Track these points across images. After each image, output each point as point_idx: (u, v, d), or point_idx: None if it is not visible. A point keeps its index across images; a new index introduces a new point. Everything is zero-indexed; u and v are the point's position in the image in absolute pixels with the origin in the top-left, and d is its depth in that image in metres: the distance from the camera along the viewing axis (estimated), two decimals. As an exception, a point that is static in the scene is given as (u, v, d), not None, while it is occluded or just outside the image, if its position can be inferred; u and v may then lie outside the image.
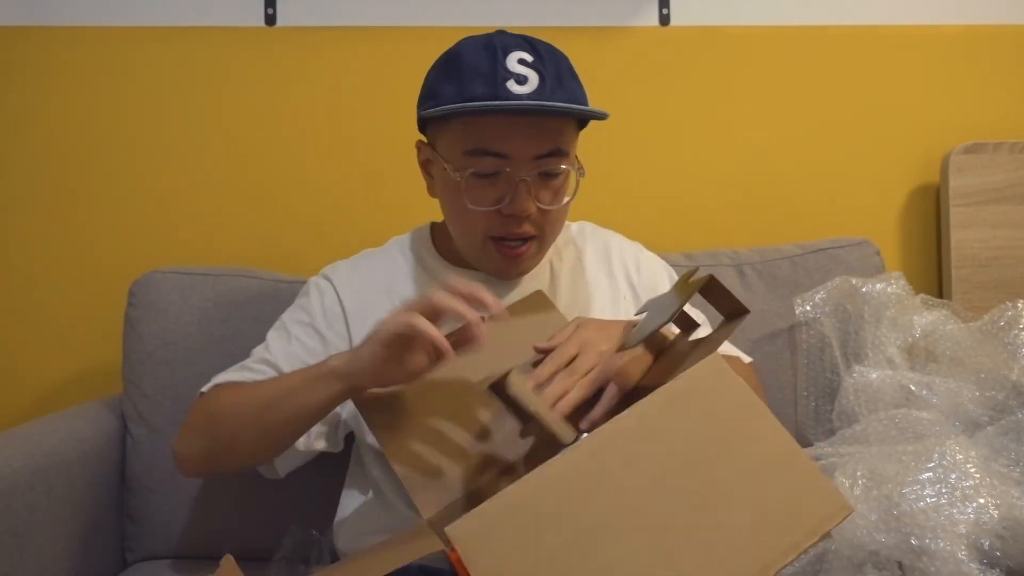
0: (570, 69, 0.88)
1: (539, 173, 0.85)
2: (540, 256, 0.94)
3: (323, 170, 1.41)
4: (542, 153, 0.84)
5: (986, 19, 1.46)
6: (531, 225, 0.87)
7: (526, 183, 0.84)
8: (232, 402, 0.87)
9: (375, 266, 0.99)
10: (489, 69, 0.82)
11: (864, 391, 1.07)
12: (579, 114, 0.86)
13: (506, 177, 0.84)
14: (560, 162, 0.86)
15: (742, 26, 1.45)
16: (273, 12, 1.41)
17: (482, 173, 0.85)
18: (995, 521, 0.84)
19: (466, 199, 0.86)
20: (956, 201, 1.39)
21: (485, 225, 0.87)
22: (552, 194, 0.87)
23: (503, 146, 0.83)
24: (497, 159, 0.84)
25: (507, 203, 0.84)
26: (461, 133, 0.85)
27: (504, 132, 0.83)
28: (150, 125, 1.40)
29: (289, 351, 0.94)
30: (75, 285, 1.39)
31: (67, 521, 1.03)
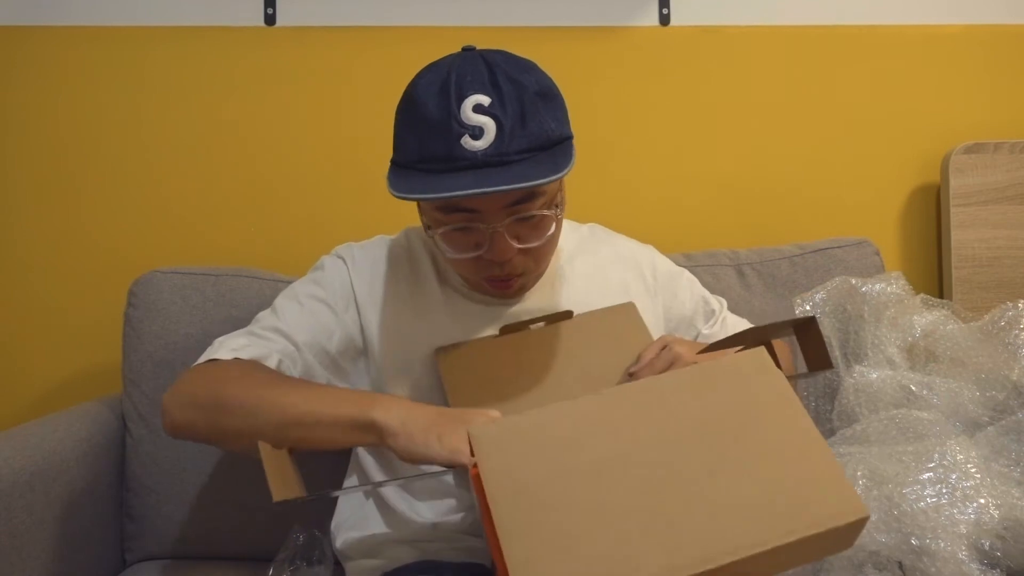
0: (539, 93, 0.81)
1: (514, 220, 0.82)
2: (537, 278, 0.94)
3: (323, 170, 1.41)
4: (511, 202, 0.81)
5: (986, 19, 1.46)
6: (517, 263, 0.86)
7: (500, 232, 0.82)
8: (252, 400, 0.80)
9: (389, 255, 0.98)
10: (443, 123, 0.78)
11: (864, 391, 1.07)
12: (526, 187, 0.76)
13: (480, 228, 0.83)
14: (533, 206, 0.82)
15: (742, 26, 1.45)
16: (273, 12, 1.41)
17: (456, 228, 0.83)
18: (995, 521, 0.84)
19: (446, 251, 0.85)
20: (956, 201, 1.39)
21: (473, 268, 0.87)
22: (531, 231, 0.84)
23: (470, 203, 0.81)
24: (468, 214, 0.82)
25: (486, 250, 0.83)
26: None
27: None
28: (150, 125, 1.40)
29: (302, 323, 0.91)
30: (75, 285, 1.39)
31: (67, 521, 1.03)
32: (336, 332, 0.92)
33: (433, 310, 0.94)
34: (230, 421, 0.80)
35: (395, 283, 0.95)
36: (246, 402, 0.80)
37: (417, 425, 0.74)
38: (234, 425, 0.80)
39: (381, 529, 0.91)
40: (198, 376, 0.85)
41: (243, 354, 0.86)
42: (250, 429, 0.78)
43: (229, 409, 0.80)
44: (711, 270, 1.26)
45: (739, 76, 1.45)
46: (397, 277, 0.96)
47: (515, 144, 0.78)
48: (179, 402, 0.84)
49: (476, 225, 0.82)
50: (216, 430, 0.82)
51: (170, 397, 0.85)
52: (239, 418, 0.79)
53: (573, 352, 0.85)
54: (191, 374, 0.86)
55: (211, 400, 0.82)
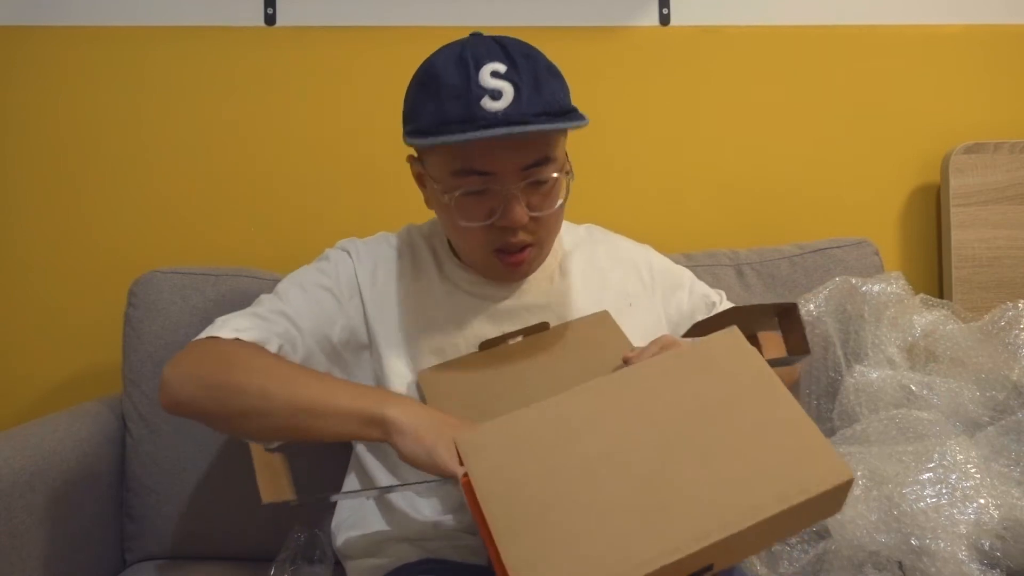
0: (548, 68, 0.86)
1: (527, 184, 0.85)
2: (541, 259, 0.95)
3: (323, 170, 1.41)
4: (527, 164, 0.84)
5: (986, 19, 1.46)
6: (526, 233, 0.87)
7: (515, 195, 0.84)
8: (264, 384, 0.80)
9: (391, 252, 0.99)
10: (463, 87, 0.81)
11: (864, 391, 1.07)
12: (553, 129, 0.83)
13: (494, 192, 0.84)
14: (547, 170, 0.85)
15: (742, 26, 1.45)
16: (273, 12, 1.41)
17: (472, 191, 0.85)
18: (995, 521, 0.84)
19: (458, 218, 0.87)
20: (956, 201, 1.39)
21: (483, 240, 0.88)
22: (542, 199, 0.87)
23: (487, 165, 0.83)
24: (483, 177, 0.83)
25: (499, 216, 0.85)
26: (446, 155, 0.85)
27: (486, 151, 0.82)
28: (150, 125, 1.40)
29: (306, 309, 0.91)
30: (75, 285, 1.39)
31: (67, 521, 1.03)
32: (339, 321, 0.92)
33: (434, 306, 0.94)
34: (240, 403, 0.80)
35: (398, 279, 0.96)
36: (258, 385, 0.80)
37: (427, 429, 0.74)
38: (243, 407, 0.79)
39: (382, 528, 0.91)
40: (204, 354, 0.84)
41: (245, 335, 0.85)
42: (259, 412, 0.79)
43: (240, 391, 0.80)
44: (711, 270, 1.26)
45: (739, 76, 1.45)
46: (399, 273, 0.96)
47: (532, 107, 0.81)
48: (183, 378, 0.83)
49: (491, 187, 0.84)
50: (223, 411, 0.81)
51: (172, 372, 0.83)
52: (249, 400, 0.79)
53: (553, 363, 0.86)
54: (195, 351, 0.85)
55: (220, 381, 0.81)
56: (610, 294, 0.99)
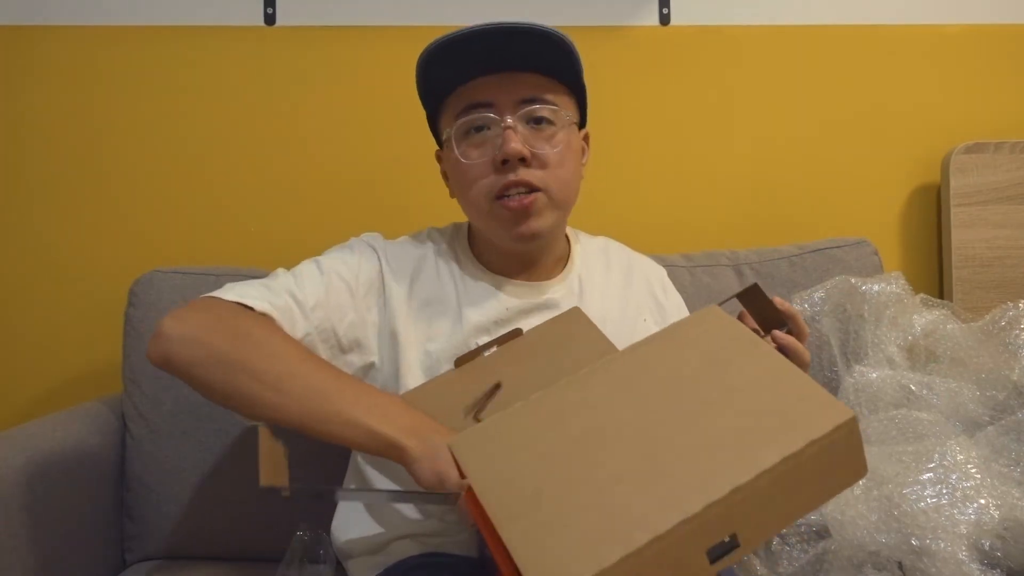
0: None
1: (528, 121, 0.89)
2: (553, 216, 0.92)
3: (323, 170, 1.41)
4: (523, 98, 0.88)
5: (986, 19, 1.46)
6: (529, 174, 0.88)
7: (511, 127, 0.87)
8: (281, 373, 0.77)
9: (415, 253, 0.98)
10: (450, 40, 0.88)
11: (864, 391, 1.07)
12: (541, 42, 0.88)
13: (494, 128, 0.88)
14: (542, 108, 0.89)
15: (742, 26, 1.45)
16: (273, 12, 1.41)
17: (472, 127, 0.89)
18: (996, 522, 0.84)
19: (462, 158, 0.89)
20: (957, 201, 1.39)
21: (487, 184, 0.89)
22: (543, 140, 0.89)
23: (484, 95, 0.88)
24: (483, 109, 0.88)
25: (498, 148, 0.87)
26: (452, 105, 0.91)
27: (484, 86, 0.88)
28: (150, 124, 1.40)
29: (320, 297, 0.88)
30: (75, 285, 1.39)
31: (67, 521, 1.03)
32: (348, 316, 0.90)
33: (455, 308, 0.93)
34: (250, 388, 0.76)
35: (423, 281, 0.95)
36: (274, 376, 0.77)
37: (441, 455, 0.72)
38: (253, 393, 0.76)
39: (383, 526, 0.91)
40: (215, 319, 0.80)
41: (248, 301, 0.82)
42: (269, 405, 0.76)
43: (253, 376, 0.76)
44: (710, 270, 1.26)
45: (739, 76, 1.44)
46: (424, 275, 0.95)
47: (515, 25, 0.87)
48: (187, 339, 0.78)
49: (490, 119, 0.88)
50: (228, 389, 0.77)
51: (175, 327, 0.78)
52: (260, 389, 0.76)
53: (532, 367, 0.84)
54: (203, 310, 0.81)
55: (233, 357, 0.77)
56: (627, 307, 0.99)
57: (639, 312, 1.00)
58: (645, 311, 1.01)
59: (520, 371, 0.84)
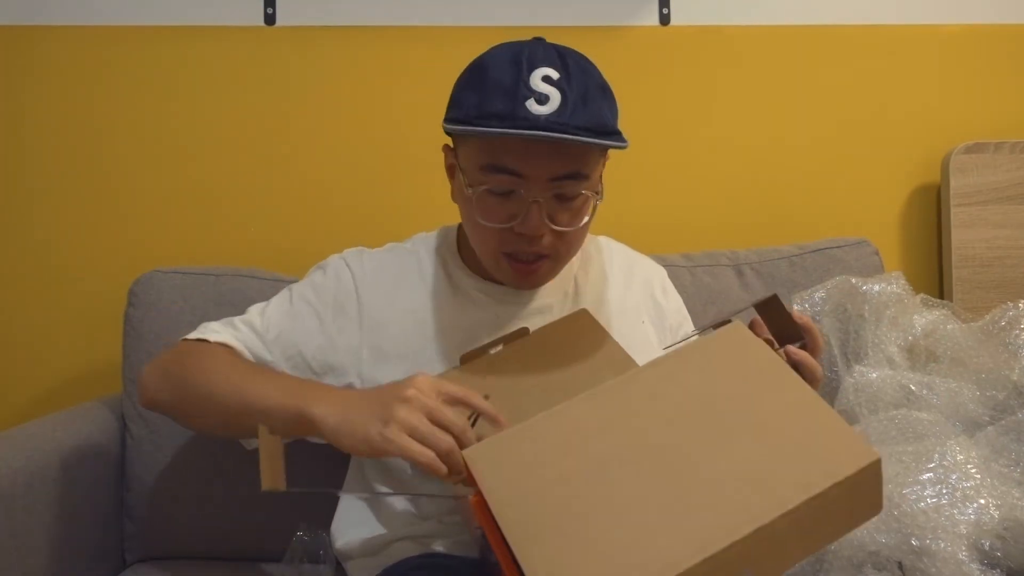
0: (601, 86, 0.86)
1: (554, 195, 0.83)
2: (556, 272, 0.92)
3: (323, 170, 1.41)
4: (558, 175, 0.82)
5: (986, 19, 1.46)
6: (543, 246, 0.86)
7: (539, 204, 0.82)
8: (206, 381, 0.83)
9: (399, 263, 0.97)
10: (511, 85, 0.80)
11: (864, 391, 1.07)
12: (590, 144, 0.81)
13: (520, 196, 0.83)
14: (577, 186, 0.84)
15: (742, 26, 1.45)
16: (273, 12, 1.41)
17: (496, 191, 0.83)
18: (996, 522, 0.84)
19: (477, 215, 0.85)
20: (957, 201, 1.39)
21: (497, 241, 0.86)
22: (568, 216, 0.85)
23: (518, 165, 0.81)
24: (512, 177, 0.82)
25: (519, 222, 0.83)
26: (478, 148, 0.84)
27: (520, 152, 0.81)
28: (150, 124, 1.40)
29: (283, 324, 0.92)
30: (75, 285, 1.39)
31: (67, 521, 1.03)
32: (316, 340, 0.91)
33: (442, 315, 0.93)
34: (191, 400, 0.85)
35: (407, 289, 0.94)
36: (203, 383, 0.83)
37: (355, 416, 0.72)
38: (193, 404, 0.85)
39: (383, 527, 0.91)
40: (172, 354, 0.90)
41: (213, 338, 0.89)
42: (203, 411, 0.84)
43: (191, 388, 0.84)
44: (710, 270, 1.26)
45: (739, 76, 1.44)
46: (408, 283, 0.95)
47: (576, 119, 0.79)
48: (152, 375, 0.90)
49: (517, 190, 0.82)
50: (179, 407, 0.88)
51: (147, 369, 0.91)
52: (195, 399, 0.84)
53: (539, 367, 0.83)
54: (168, 352, 0.91)
55: (177, 379, 0.87)
56: (626, 309, 0.98)
57: (638, 314, 0.99)
58: (644, 313, 1.00)
59: (527, 371, 0.83)
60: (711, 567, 0.54)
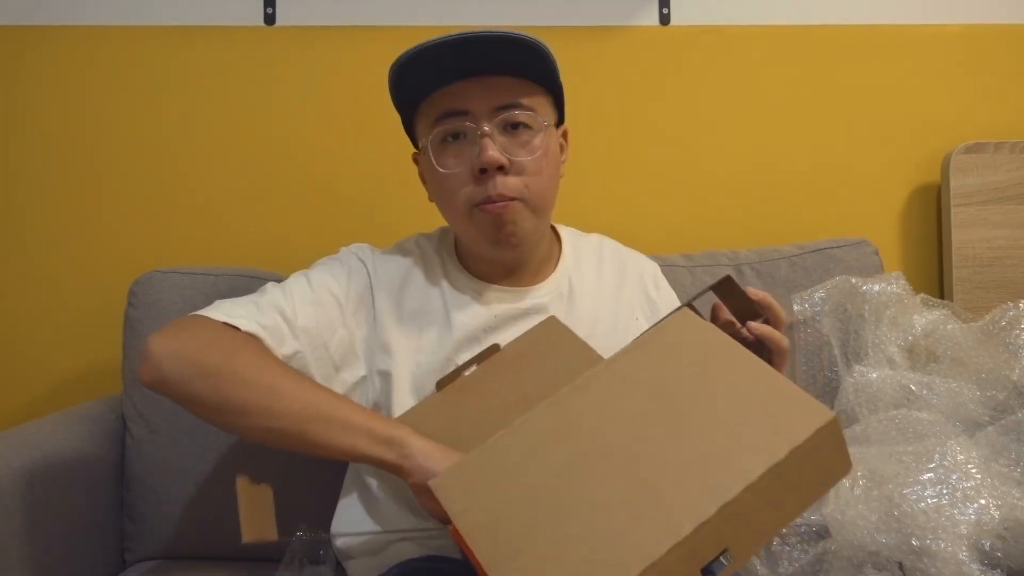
0: None
1: (505, 127, 0.87)
2: (531, 221, 0.91)
3: (323, 170, 1.41)
4: (499, 104, 0.87)
5: (986, 19, 1.46)
6: (508, 185, 0.87)
7: (488, 135, 0.86)
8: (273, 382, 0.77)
9: (404, 264, 0.98)
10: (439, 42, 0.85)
11: (864, 391, 1.07)
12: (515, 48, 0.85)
13: (471, 135, 0.87)
14: (521, 113, 0.87)
15: (742, 26, 1.45)
16: (272, 12, 1.41)
17: (448, 133, 0.88)
18: (996, 522, 0.84)
19: (439, 167, 0.88)
20: (957, 201, 1.39)
21: (466, 193, 0.88)
22: (520, 147, 0.88)
23: (460, 103, 0.86)
24: (459, 117, 0.87)
25: (475, 158, 0.86)
26: (427, 111, 0.89)
27: (460, 92, 0.87)
28: (150, 124, 1.40)
29: (309, 312, 0.88)
30: (75, 285, 1.39)
31: (67, 521, 1.03)
32: (339, 331, 0.91)
33: (443, 315, 0.93)
34: (244, 396, 0.76)
35: (412, 290, 0.95)
36: (268, 382, 0.78)
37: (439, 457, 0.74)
38: (247, 401, 0.76)
39: (383, 528, 0.91)
40: (201, 335, 0.80)
41: (235, 321, 0.82)
42: (265, 411, 0.76)
43: (246, 384, 0.77)
44: (710, 270, 1.26)
45: (739, 76, 1.44)
46: (413, 284, 0.96)
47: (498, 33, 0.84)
48: (174, 355, 0.78)
49: (466, 127, 0.87)
50: (220, 401, 0.77)
51: (161, 345, 0.78)
52: (256, 396, 0.76)
53: (515, 383, 0.83)
54: (188, 327, 0.81)
55: (223, 369, 0.77)
56: (620, 306, 0.99)
57: (632, 311, 1.00)
58: (637, 309, 1.00)
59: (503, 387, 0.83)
60: (685, 551, 0.54)
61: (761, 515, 0.58)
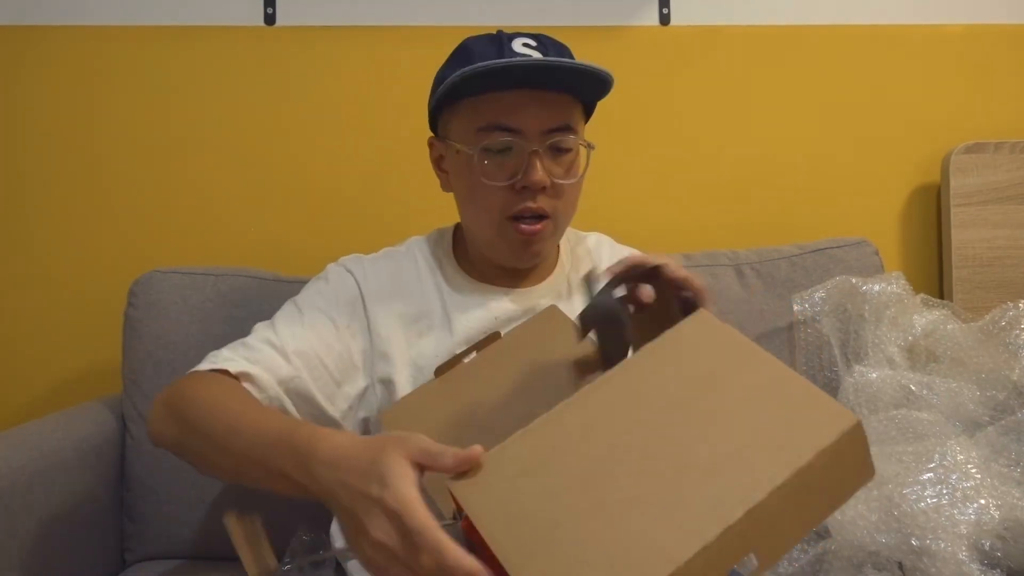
0: (572, 57, 0.91)
1: (550, 147, 0.87)
2: (555, 239, 0.94)
3: (323, 170, 1.41)
4: (552, 127, 0.87)
5: (986, 19, 1.46)
6: (545, 202, 0.88)
7: (538, 154, 0.86)
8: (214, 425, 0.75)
9: (396, 268, 0.98)
10: (495, 53, 0.85)
11: (864, 391, 1.07)
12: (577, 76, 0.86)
13: (518, 151, 0.86)
14: (569, 137, 0.88)
15: (742, 26, 1.45)
16: (273, 12, 1.41)
17: (494, 149, 0.86)
18: (996, 522, 0.84)
19: (481, 176, 0.87)
20: (957, 201, 1.39)
21: (501, 203, 0.88)
22: (564, 169, 0.89)
23: (513, 120, 0.85)
24: (508, 133, 0.86)
25: (521, 176, 0.86)
26: (472, 112, 0.87)
27: (513, 107, 0.85)
28: (150, 124, 1.40)
29: (299, 335, 0.89)
30: (75, 285, 1.39)
31: (67, 521, 1.03)
32: (335, 347, 0.90)
33: (439, 316, 0.93)
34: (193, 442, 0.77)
35: (404, 294, 0.95)
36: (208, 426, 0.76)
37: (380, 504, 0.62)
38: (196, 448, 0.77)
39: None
40: (177, 388, 0.82)
41: (226, 365, 0.83)
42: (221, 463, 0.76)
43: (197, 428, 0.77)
44: (710, 270, 1.26)
45: (739, 76, 1.44)
46: (405, 288, 0.95)
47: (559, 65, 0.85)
48: (159, 412, 0.82)
49: (515, 146, 0.86)
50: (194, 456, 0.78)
51: (154, 405, 0.83)
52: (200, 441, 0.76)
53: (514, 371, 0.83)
54: (174, 384, 0.84)
55: (180, 415, 0.79)
56: None
57: None
58: None
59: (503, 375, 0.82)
60: (710, 556, 0.54)
61: (785, 519, 0.58)
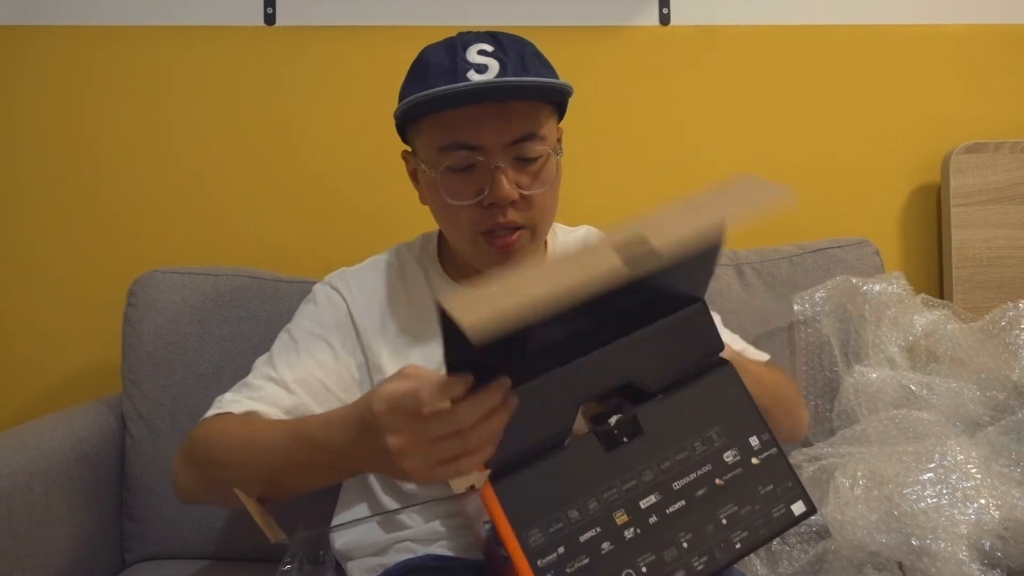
0: (536, 55, 0.87)
1: (515, 159, 0.84)
2: (535, 245, 0.92)
3: (323, 170, 1.41)
4: (514, 139, 0.83)
5: (986, 19, 1.46)
6: (517, 214, 0.85)
7: (502, 170, 0.83)
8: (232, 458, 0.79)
9: (382, 278, 0.97)
10: (450, 65, 0.82)
11: (864, 391, 1.07)
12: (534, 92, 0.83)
13: (481, 167, 0.83)
14: (535, 147, 0.84)
15: (742, 26, 1.45)
16: (272, 12, 1.41)
17: (457, 167, 0.84)
18: (996, 522, 0.84)
19: (445, 195, 0.85)
20: (957, 201, 1.39)
21: (470, 220, 0.86)
22: (531, 179, 0.85)
23: (473, 137, 0.82)
24: (470, 151, 0.83)
25: (487, 193, 0.84)
26: (432, 131, 0.85)
27: (472, 122, 0.82)
28: (150, 124, 1.40)
29: (297, 364, 0.89)
30: (75, 285, 1.39)
31: (67, 521, 1.03)
32: (334, 368, 0.90)
33: (426, 323, 0.93)
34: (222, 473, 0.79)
35: (390, 303, 0.95)
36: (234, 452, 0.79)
37: None
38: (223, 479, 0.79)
39: (383, 528, 0.91)
40: (190, 438, 0.85)
41: (233, 408, 0.84)
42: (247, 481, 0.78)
43: (218, 462, 0.80)
44: (711, 270, 1.26)
45: (739, 76, 1.44)
46: (392, 297, 0.95)
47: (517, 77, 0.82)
48: (178, 465, 0.86)
49: (478, 162, 0.83)
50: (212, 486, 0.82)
51: (173, 462, 0.87)
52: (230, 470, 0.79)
53: None
54: (186, 438, 0.86)
55: (202, 456, 0.82)
56: None
57: None
58: None
59: None
60: None
61: None
